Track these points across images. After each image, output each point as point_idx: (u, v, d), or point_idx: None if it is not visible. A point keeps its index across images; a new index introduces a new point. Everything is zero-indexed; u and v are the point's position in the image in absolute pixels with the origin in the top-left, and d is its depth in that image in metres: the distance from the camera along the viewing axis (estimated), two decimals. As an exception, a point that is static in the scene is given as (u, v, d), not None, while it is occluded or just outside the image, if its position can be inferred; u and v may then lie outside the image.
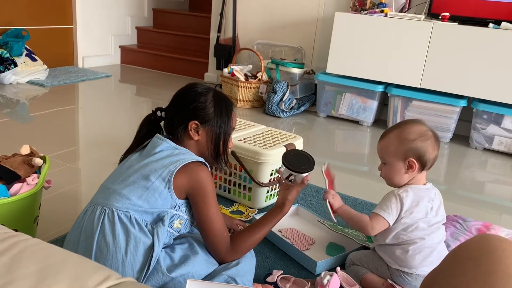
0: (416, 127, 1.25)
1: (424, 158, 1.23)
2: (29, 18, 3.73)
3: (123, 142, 2.38)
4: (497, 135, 2.74)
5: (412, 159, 1.23)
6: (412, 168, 1.24)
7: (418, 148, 1.22)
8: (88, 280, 0.64)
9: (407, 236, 1.23)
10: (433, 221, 1.25)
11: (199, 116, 1.16)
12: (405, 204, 1.22)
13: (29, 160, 1.33)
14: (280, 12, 3.63)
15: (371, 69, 3.00)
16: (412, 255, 1.22)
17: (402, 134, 1.24)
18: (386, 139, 1.27)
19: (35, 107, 2.92)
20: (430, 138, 1.24)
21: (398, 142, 1.24)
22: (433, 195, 1.28)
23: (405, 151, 1.23)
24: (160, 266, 1.05)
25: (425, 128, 1.26)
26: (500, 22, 2.70)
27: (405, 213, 1.23)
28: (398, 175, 1.26)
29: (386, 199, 1.26)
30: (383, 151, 1.28)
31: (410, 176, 1.26)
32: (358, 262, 1.34)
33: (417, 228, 1.22)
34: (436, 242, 1.25)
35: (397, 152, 1.24)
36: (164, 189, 1.07)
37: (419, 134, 1.23)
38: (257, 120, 2.70)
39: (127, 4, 4.62)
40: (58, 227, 1.50)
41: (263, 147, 1.69)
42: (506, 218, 1.91)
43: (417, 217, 1.23)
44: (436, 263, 1.23)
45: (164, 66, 4.45)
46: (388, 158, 1.26)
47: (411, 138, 1.23)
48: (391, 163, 1.26)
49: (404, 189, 1.25)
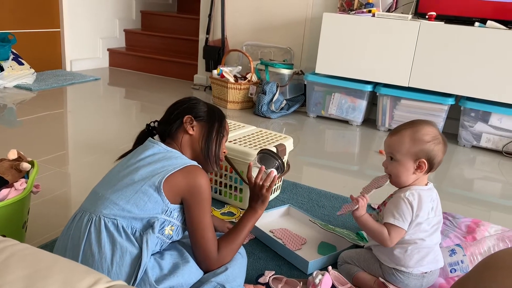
0: (430, 129, 1.24)
1: (434, 161, 1.23)
2: (15, 22, 3.69)
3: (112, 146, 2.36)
4: (485, 133, 2.77)
5: (423, 160, 1.22)
6: (421, 168, 1.23)
7: (431, 150, 1.22)
8: (78, 284, 0.63)
9: (409, 236, 1.23)
10: (433, 222, 1.25)
11: (192, 112, 1.20)
12: (414, 207, 1.22)
13: (16, 165, 1.32)
14: (269, 13, 3.64)
15: (360, 69, 3.02)
16: (410, 254, 1.23)
17: (417, 134, 1.22)
18: (399, 136, 1.25)
19: (23, 112, 2.89)
20: (441, 143, 1.24)
21: (412, 141, 1.22)
22: (434, 195, 1.28)
23: (418, 151, 1.22)
24: (147, 277, 1.00)
25: (438, 131, 1.25)
26: (486, 20, 2.73)
27: (415, 216, 1.22)
28: (406, 174, 1.25)
29: (396, 206, 1.24)
30: (395, 148, 1.25)
31: (417, 177, 1.25)
32: (350, 260, 1.35)
33: (420, 229, 1.23)
34: (434, 243, 1.26)
35: (409, 151, 1.22)
36: (154, 192, 1.05)
37: (433, 137, 1.23)
38: (247, 121, 2.71)
39: (115, 6, 4.59)
40: (47, 232, 1.48)
41: (253, 148, 1.69)
42: (495, 214, 1.93)
43: (423, 218, 1.23)
44: (432, 264, 1.25)
45: (153, 69, 4.43)
46: (399, 155, 1.24)
47: (426, 139, 1.22)
48: (401, 161, 1.24)
49: (410, 192, 1.24)
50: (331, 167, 2.37)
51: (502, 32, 2.63)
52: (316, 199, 1.89)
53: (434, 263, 1.26)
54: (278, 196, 1.89)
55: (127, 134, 2.52)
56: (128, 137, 1.27)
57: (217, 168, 1.25)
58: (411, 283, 1.24)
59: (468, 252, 1.37)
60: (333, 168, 2.37)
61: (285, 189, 1.95)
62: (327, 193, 1.95)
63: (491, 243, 1.55)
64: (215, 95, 3.45)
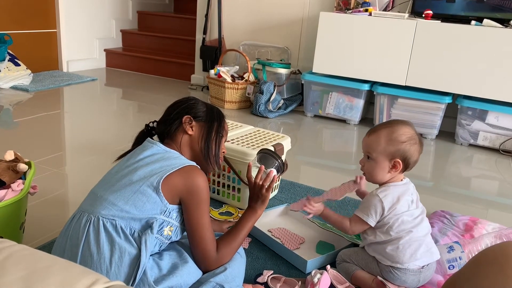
0: (407, 129, 1.27)
1: (409, 160, 1.27)
2: (12, 23, 3.68)
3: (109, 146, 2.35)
4: (482, 131, 2.78)
5: (398, 159, 1.26)
6: (396, 168, 1.27)
7: (406, 151, 1.25)
8: (76, 285, 0.63)
9: (394, 232, 1.25)
10: (416, 214, 1.28)
11: (191, 112, 1.20)
12: (385, 204, 1.26)
13: (13, 166, 1.31)
14: (266, 13, 3.63)
15: (357, 68, 3.02)
16: (402, 250, 1.24)
17: (394, 135, 1.26)
18: (376, 136, 1.29)
19: (20, 113, 2.88)
20: (417, 143, 1.27)
21: (388, 141, 1.26)
22: (411, 189, 1.32)
23: (393, 151, 1.26)
24: (146, 278, 1.00)
25: (414, 132, 1.29)
26: (482, 19, 2.74)
27: (388, 212, 1.26)
28: (381, 173, 1.29)
29: (367, 201, 1.30)
30: (371, 147, 1.29)
31: (392, 176, 1.29)
32: (348, 259, 1.35)
33: (403, 222, 1.25)
34: (423, 234, 1.27)
35: (385, 150, 1.26)
36: (153, 192, 1.04)
37: (409, 137, 1.26)
38: (244, 121, 2.71)
39: (111, 7, 4.58)
40: (44, 233, 1.47)
41: (251, 147, 1.69)
42: (492, 212, 1.94)
43: (400, 211, 1.26)
44: (426, 257, 1.25)
45: (150, 69, 4.43)
46: (375, 154, 1.28)
47: (402, 140, 1.25)
48: (377, 160, 1.28)
49: (383, 189, 1.28)
50: (329, 166, 2.38)
51: (499, 31, 2.64)
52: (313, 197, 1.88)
53: (428, 256, 1.27)
54: (276, 195, 1.89)
55: (125, 135, 2.52)
56: (126, 137, 1.27)
57: (217, 167, 1.25)
58: (409, 279, 1.25)
59: (466, 249, 1.37)
60: (330, 167, 2.38)
61: (283, 188, 1.95)
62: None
63: (489, 241, 1.56)
64: (213, 95, 3.45)
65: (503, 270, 0.71)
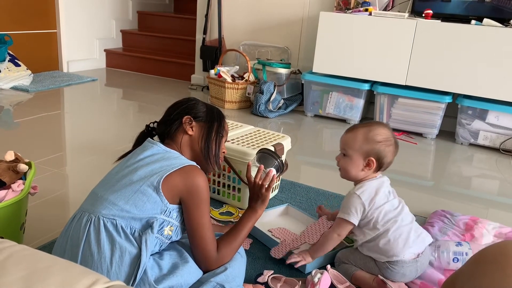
0: (384, 130, 1.31)
1: (382, 160, 1.31)
2: (12, 23, 3.68)
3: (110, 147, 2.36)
4: (482, 130, 2.78)
5: (372, 158, 1.29)
6: (370, 166, 1.30)
7: (381, 151, 1.29)
8: (76, 285, 0.63)
9: (381, 225, 1.27)
10: (396, 204, 1.31)
11: (191, 113, 1.21)
12: (364, 199, 1.28)
13: (14, 167, 1.31)
14: (266, 13, 3.63)
15: (357, 68, 3.02)
16: (394, 241, 1.25)
17: (370, 134, 1.30)
18: (353, 134, 1.33)
19: (20, 113, 2.88)
20: (392, 145, 1.31)
21: (364, 140, 1.30)
22: (386, 181, 1.34)
23: (368, 149, 1.29)
24: (147, 277, 1.00)
25: (391, 133, 1.33)
26: (482, 18, 2.74)
27: (369, 206, 1.28)
28: (355, 169, 1.32)
29: (346, 201, 1.32)
30: (347, 144, 1.33)
31: (365, 174, 1.32)
32: (346, 260, 1.35)
33: (386, 213, 1.28)
34: (408, 222, 1.30)
35: (361, 148, 1.30)
36: (153, 192, 1.04)
37: (385, 138, 1.30)
38: (245, 121, 2.70)
39: (111, 7, 4.59)
40: (45, 234, 1.47)
41: (251, 147, 1.69)
42: (493, 212, 1.94)
43: (381, 203, 1.29)
44: (419, 243, 1.27)
45: (150, 69, 4.43)
46: (351, 151, 1.31)
47: (378, 139, 1.29)
48: (352, 157, 1.31)
49: (358, 186, 1.32)
50: (329, 166, 2.38)
51: (499, 30, 2.64)
52: (314, 198, 1.89)
53: (421, 242, 1.29)
54: (276, 195, 1.89)
55: (125, 135, 2.52)
56: (126, 138, 1.27)
57: (217, 167, 1.25)
58: (407, 271, 1.26)
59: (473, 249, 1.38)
60: (331, 167, 2.37)
61: (283, 188, 1.95)
62: (325, 192, 1.95)
63: (490, 241, 1.56)
64: (213, 95, 3.45)
65: (502, 269, 0.71)
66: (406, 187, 2.14)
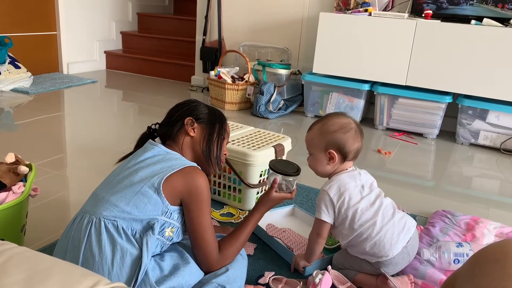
0: (337, 119, 1.28)
1: (344, 149, 1.26)
2: (12, 25, 3.68)
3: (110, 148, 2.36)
4: (483, 130, 2.78)
5: (332, 150, 1.26)
6: (333, 159, 1.27)
7: (338, 140, 1.26)
8: (77, 286, 0.63)
9: (358, 225, 1.22)
10: (372, 198, 1.26)
11: (193, 114, 1.21)
12: (332, 195, 1.24)
13: (14, 168, 1.31)
14: (265, 14, 3.64)
15: (357, 68, 3.02)
16: (380, 243, 1.21)
17: (324, 127, 1.28)
18: (310, 132, 1.32)
19: (20, 115, 2.88)
20: (350, 130, 1.26)
21: (319, 135, 1.28)
22: (357, 174, 1.29)
23: (325, 143, 1.27)
24: (148, 278, 1.01)
25: (347, 120, 1.28)
26: (482, 18, 2.74)
27: (338, 202, 1.24)
28: (321, 166, 1.30)
29: (319, 200, 1.28)
30: (308, 144, 1.33)
31: (334, 167, 1.29)
32: (342, 266, 1.33)
33: (362, 212, 1.23)
34: (389, 217, 1.24)
35: (319, 144, 1.28)
36: (154, 193, 1.05)
37: (339, 126, 1.26)
38: (245, 122, 2.70)
39: (111, 9, 4.59)
40: (46, 236, 1.47)
41: (251, 148, 1.69)
42: (493, 211, 1.94)
43: (354, 201, 1.24)
44: (405, 235, 1.23)
45: (150, 71, 4.43)
46: (312, 149, 1.31)
47: (331, 130, 1.26)
48: (315, 154, 1.30)
49: (326, 182, 1.29)
50: (330, 167, 2.37)
51: (499, 30, 2.64)
52: (315, 198, 1.88)
53: (405, 232, 1.24)
54: (277, 196, 1.88)
55: (125, 137, 2.51)
56: (126, 139, 1.27)
57: (219, 169, 1.26)
58: (399, 258, 1.24)
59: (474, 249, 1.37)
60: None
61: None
62: (326, 193, 1.94)
63: (491, 241, 1.55)
64: (213, 96, 3.45)
65: (503, 268, 0.71)
66: (406, 187, 2.14)
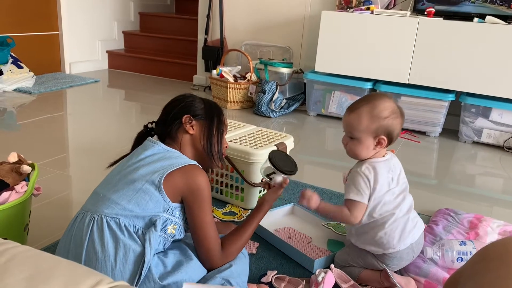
0: (388, 104, 1.24)
1: (392, 135, 1.24)
2: (14, 25, 3.69)
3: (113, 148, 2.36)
4: (486, 128, 2.77)
5: (383, 136, 1.23)
6: (381, 144, 1.24)
7: (389, 125, 1.22)
8: (79, 285, 0.63)
9: (378, 214, 1.23)
10: (396, 192, 1.26)
11: (190, 111, 1.20)
12: (371, 180, 1.23)
13: (17, 168, 1.32)
14: (267, 13, 3.63)
15: (359, 67, 3.01)
16: (390, 234, 1.23)
17: (375, 111, 1.22)
18: (356, 114, 1.24)
19: (23, 115, 2.89)
20: (399, 116, 1.25)
21: (370, 119, 1.22)
22: (392, 165, 1.28)
23: (376, 128, 1.22)
24: (151, 274, 1.01)
25: (395, 105, 1.26)
26: (485, 16, 2.73)
27: (373, 189, 1.23)
28: (366, 151, 1.25)
29: (353, 181, 1.25)
30: (352, 126, 1.25)
31: (376, 151, 1.26)
32: (346, 263, 1.33)
33: (385, 203, 1.23)
34: (405, 211, 1.25)
35: (368, 129, 1.22)
36: (155, 191, 1.05)
37: (391, 111, 1.23)
38: (247, 121, 2.70)
39: (113, 8, 4.59)
40: (49, 235, 1.48)
41: (254, 147, 1.68)
42: (497, 210, 1.93)
43: (382, 191, 1.23)
44: (414, 233, 1.25)
45: (152, 70, 4.43)
46: (358, 133, 1.24)
47: (384, 115, 1.22)
48: (361, 139, 1.24)
49: (365, 165, 1.25)
50: (332, 165, 2.37)
51: (501, 27, 2.62)
52: (318, 197, 1.88)
53: (416, 231, 1.26)
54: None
55: (128, 136, 2.50)
56: (129, 138, 1.27)
57: (222, 163, 1.26)
58: (404, 253, 1.25)
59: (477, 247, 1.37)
60: (334, 166, 2.37)
61: (286, 187, 1.94)
62: (329, 191, 1.94)
63: (494, 239, 1.55)
64: (215, 95, 3.45)
65: (506, 265, 0.71)
66: (409, 185, 2.13)
